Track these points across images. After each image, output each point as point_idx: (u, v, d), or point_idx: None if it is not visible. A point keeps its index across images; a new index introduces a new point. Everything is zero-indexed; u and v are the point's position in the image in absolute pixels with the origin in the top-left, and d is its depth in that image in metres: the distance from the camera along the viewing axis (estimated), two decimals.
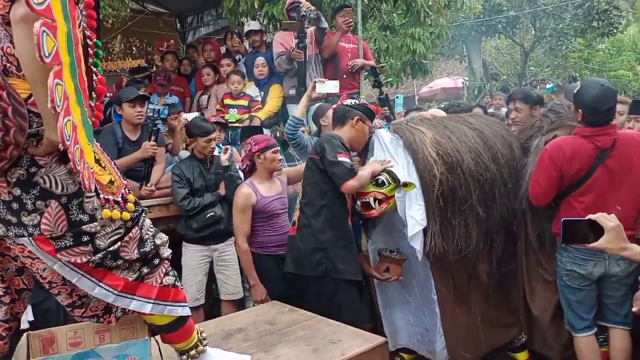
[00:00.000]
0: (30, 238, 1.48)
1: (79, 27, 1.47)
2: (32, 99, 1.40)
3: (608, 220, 1.79)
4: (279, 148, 3.46)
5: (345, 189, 2.85)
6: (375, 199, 2.96)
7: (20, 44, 1.30)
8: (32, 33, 1.21)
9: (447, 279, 3.16)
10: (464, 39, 15.52)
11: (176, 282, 1.78)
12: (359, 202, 3.05)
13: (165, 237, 1.78)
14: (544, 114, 3.52)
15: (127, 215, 1.61)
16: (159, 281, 1.71)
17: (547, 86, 9.82)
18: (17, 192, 1.46)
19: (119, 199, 1.62)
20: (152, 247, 1.69)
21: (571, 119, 3.19)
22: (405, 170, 3.02)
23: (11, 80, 1.41)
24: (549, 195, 2.93)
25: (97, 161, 1.61)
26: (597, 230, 1.80)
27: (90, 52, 1.62)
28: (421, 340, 3.33)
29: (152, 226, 1.75)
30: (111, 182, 1.64)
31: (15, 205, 1.46)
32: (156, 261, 1.71)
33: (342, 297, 2.88)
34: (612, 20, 14.90)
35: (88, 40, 1.59)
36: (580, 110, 2.83)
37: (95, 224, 1.55)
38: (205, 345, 1.92)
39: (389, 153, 3.13)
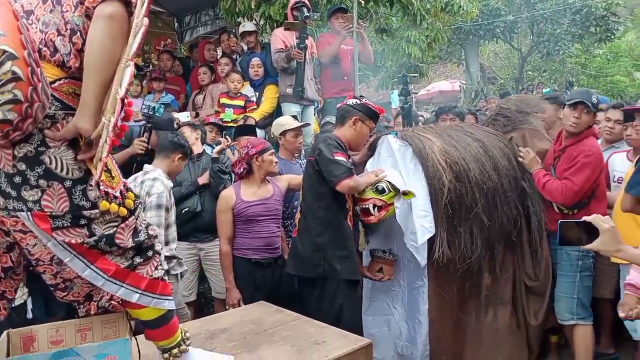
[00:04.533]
0: (29, 213, 1.50)
1: None
2: (56, 83, 1.50)
3: (603, 221, 1.79)
4: (274, 151, 3.48)
5: (341, 188, 2.85)
6: (374, 206, 2.97)
7: (98, 36, 1.45)
8: (114, 30, 1.43)
9: (445, 287, 3.14)
10: (461, 42, 15.53)
11: (164, 276, 1.79)
12: (358, 208, 3.07)
13: (157, 230, 1.81)
14: (494, 118, 3.70)
15: (124, 211, 1.63)
16: (150, 273, 1.72)
17: (544, 90, 9.84)
18: (22, 166, 1.48)
19: (117, 194, 1.63)
20: (146, 238, 1.71)
21: (522, 122, 3.49)
22: (413, 178, 3.04)
23: (42, 63, 1.48)
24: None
25: None
26: (593, 231, 1.79)
27: None
28: (401, 354, 3.28)
29: (145, 219, 1.78)
30: (112, 176, 1.66)
31: (17, 179, 1.48)
32: (150, 253, 1.73)
33: (343, 297, 2.90)
34: (610, 26, 14.95)
35: None
36: None
37: (96, 211, 1.57)
38: (189, 344, 1.92)
39: (398, 160, 3.14)
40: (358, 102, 3.14)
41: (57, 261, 1.63)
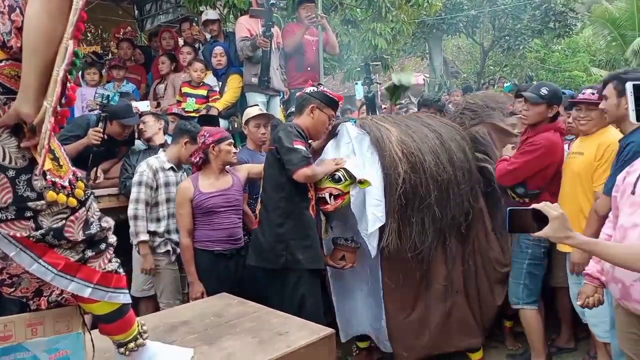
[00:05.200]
0: None
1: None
2: None
3: (552, 209, 1.79)
4: (233, 140, 3.40)
5: (298, 177, 2.82)
6: (330, 195, 2.97)
7: (35, 12, 1.35)
8: (52, 7, 1.33)
9: (397, 276, 3.19)
10: (425, 36, 15.68)
11: (119, 269, 1.71)
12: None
13: (111, 222, 1.72)
14: (462, 112, 3.83)
15: (73, 202, 1.54)
16: (102, 267, 1.64)
17: (505, 85, 10.02)
18: None
19: (66, 184, 1.54)
20: (98, 230, 1.62)
21: (488, 117, 3.65)
22: (369, 167, 3.04)
23: None
24: None
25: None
26: (542, 219, 1.80)
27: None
28: (373, 326, 3.37)
29: (98, 210, 1.68)
30: (59, 165, 1.57)
31: None
32: (102, 246, 1.65)
33: (305, 287, 2.89)
34: (568, 22, 15.35)
35: None
36: None
37: (42, 202, 1.48)
38: (146, 338, 1.85)
39: (355, 148, 3.14)
40: (316, 89, 3.12)
41: (2, 256, 1.54)
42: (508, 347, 3.76)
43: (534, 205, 1.83)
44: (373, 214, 2.95)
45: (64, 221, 1.53)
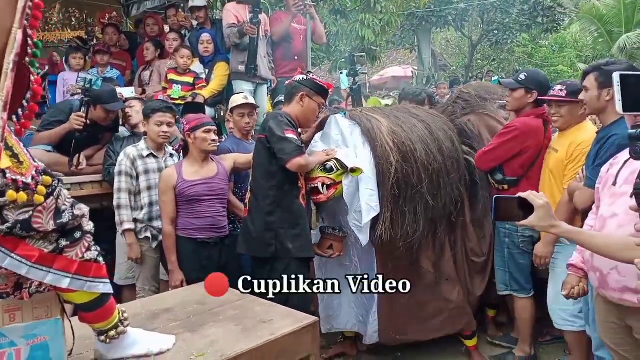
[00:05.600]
0: None
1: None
2: None
3: (537, 197, 1.81)
4: (212, 128, 3.30)
5: (291, 166, 2.80)
6: (323, 184, 2.95)
7: None
8: None
9: (388, 265, 3.19)
10: (414, 29, 15.68)
11: (98, 258, 1.67)
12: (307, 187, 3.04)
13: (85, 209, 1.66)
14: (454, 101, 3.85)
15: (39, 199, 1.48)
16: (80, 255, 1.60)
17: (493, 79, 10.07)
18: None
19: (29, 180, 1.48)
20: (71, 218, 1.57)
21: (480, 107, 3.67)
22: (361, 157, 3.03)
23: None
24: None
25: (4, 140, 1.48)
26: (528, 207, 1.81)
27: (29, 51, 1.49)
28: (362, 321, 3.37)
29: (69, 197, 1.63)
30: (20, 162, 1.49)
31: None
32: (77, 234, 1.60)
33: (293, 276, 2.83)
34: (556, 17, 15.45)
35: (29, 39, 1.46)
36: None
37: (5, 199, 1.42)
38: (127, 325, 1.83)
39: (346, 139, 3.12)
40: (305, 77, 3.08)
41: None
42: (489, 336, 3.81)
43: (520, 194, 1.83)
44: (367, 204, 2.93)
45: (30, 212, 1.48)
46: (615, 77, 1.08)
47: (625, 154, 2.09)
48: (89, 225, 1.67)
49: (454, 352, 3.59)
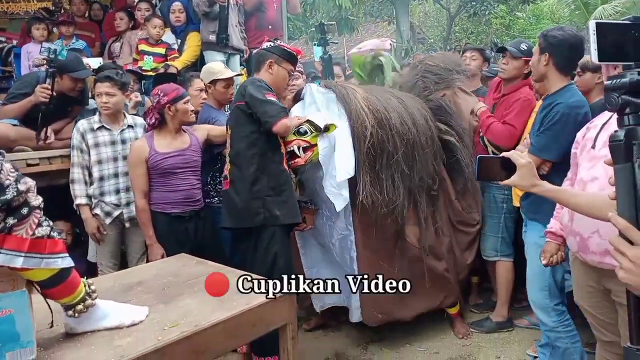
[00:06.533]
0: None
1: None
2: None
3: (520, 157, 1.83)
4: (189, 97, 3.26)
5: (278, 128, 2.74)
6: (299, 147, 2.91)
7: None
8: None
9: (372, 236, 3.17)
10: (392, 0, 15.50)
11: (52, 233, 1.58)
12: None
13: (30, 182, 1.55)
14: (423, 75, 3.72)
15: None
16: (31, 233, 1.51)
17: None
18: None
19: None
20: (15, 194, 1.46)
21: (452, 80, 3.59)
22: (337, 119, 3.01)
23: None
24: None
25: None
26: (510, 167, 1.83)
27: None
28: (348, 297, 3.35)
29: (13, 170, 1.51)
30: None
31: None
32: (24, 210, 1.50)
33: (278, 245, 2.82)
34: None
35: None
36: None
37: None
38: (95, 298, 1.78)
39: (320, 105, 3.09)
40: (272, 44, 3.00)
41: None
42: (470, 303, 3.86)
43: (504, 154, 1.86)
44: (342, 164, 2.92)
45: None
46: (592, 25, 1.04)
47: (601, 117, 2.09)
48: (37, 200, 1.56)
49: (437, 319, 3.64)
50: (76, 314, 1.72)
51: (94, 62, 4.12)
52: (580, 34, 2.73)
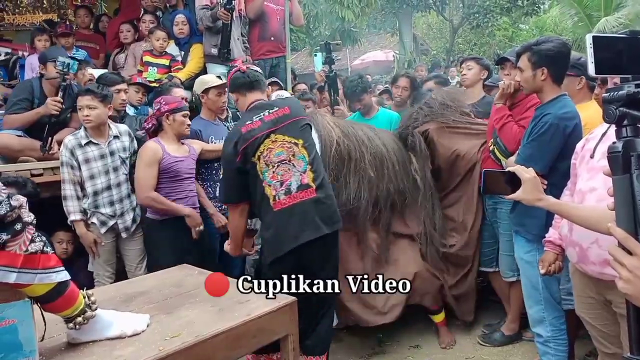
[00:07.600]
0: None
1: None
2: None
3: (525, 172, 1.86)
4: (188, 112, 3.34)
5: None
6: None
7: None
8: None
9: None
10: (395, 12, 15.60)
11: (45, 248, 1.59)
12: None
13: (22, 199, 1.56)
14: (420, 107, 3.79)
15: None
16: (24, 249, 1.51)
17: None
18: None
19: None
20: (8, 210, 1.47)
21: (441, 115, 3.63)
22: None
23: None
24: None
25: None
26: (515, 182, 1.86)
27: None
28: None
29: (5, 188, 1.53)
30: None
31: None
32: (18, 226, 1.50)
33: (338, 247, 2.80)
34: (536, 0, 15.46)
35: None
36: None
37: None
38: (95, 309, 1.78)
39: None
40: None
41: None
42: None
43: (509, 168, 1.89)
44: None
45: None
46: (588, 38, 1.06)
47: (601, 128, 2.09)
48: (29, 217, 1.57)
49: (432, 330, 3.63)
50: (76, 326, 1.73)
51: (97, 74, 4.15)
52: (563, 38, 2.73)
